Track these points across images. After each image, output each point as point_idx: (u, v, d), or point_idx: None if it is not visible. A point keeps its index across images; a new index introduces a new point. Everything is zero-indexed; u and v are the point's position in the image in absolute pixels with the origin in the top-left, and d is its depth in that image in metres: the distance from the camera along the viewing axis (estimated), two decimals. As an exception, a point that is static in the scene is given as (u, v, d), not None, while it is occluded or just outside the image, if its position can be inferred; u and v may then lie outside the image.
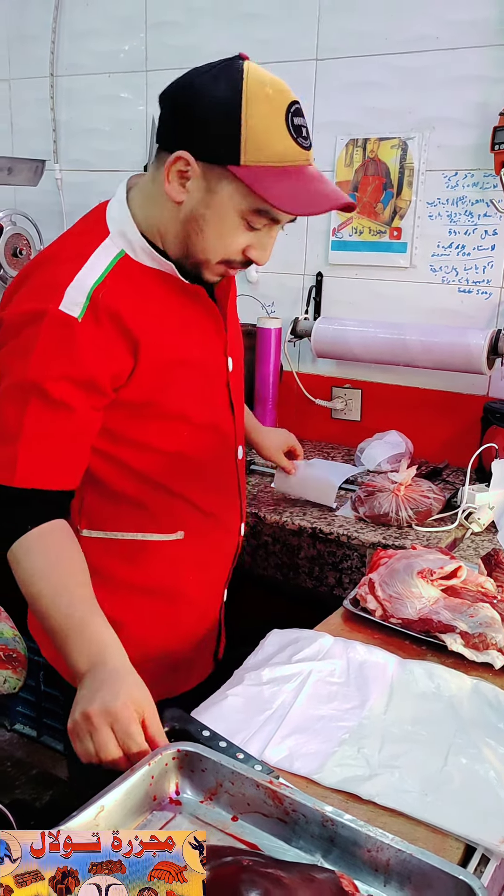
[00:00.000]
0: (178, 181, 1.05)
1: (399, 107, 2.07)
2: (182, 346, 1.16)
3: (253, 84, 1.01)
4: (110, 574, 1.24)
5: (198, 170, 1.03)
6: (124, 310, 1.09)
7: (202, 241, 1.08)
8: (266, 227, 1.08)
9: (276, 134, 1.00)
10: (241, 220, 1.06)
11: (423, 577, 1.30)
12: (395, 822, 0.87)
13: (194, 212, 1.06)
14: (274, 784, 0.84)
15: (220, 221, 1.06)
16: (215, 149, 1.01)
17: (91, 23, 2.52)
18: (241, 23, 2.24)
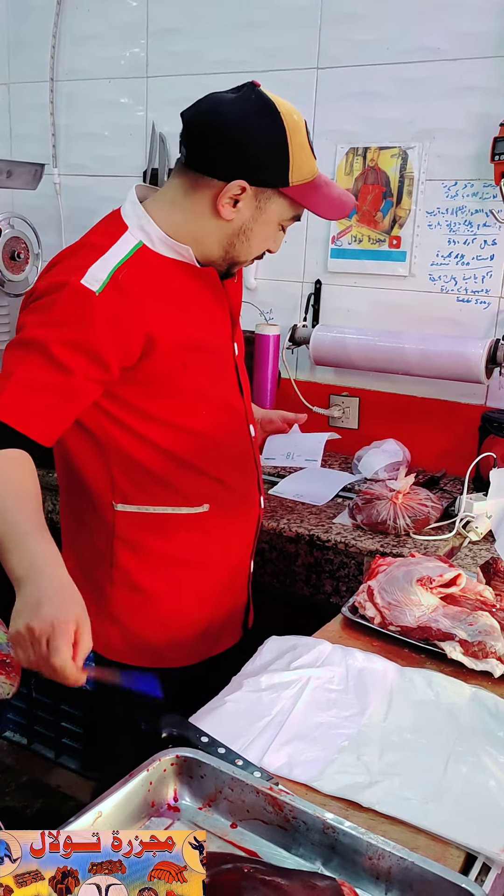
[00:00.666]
0: (230, 204, 1.21)
1: (400, 116, 2.07)
2: (196, 330, 1.27)
3: (286, 115, 1.19)
4: (143, 546, 1.34)
5: (250, 193, 1.21)
6: (142, 292, 1.19)
7: (248, 247, 1.26)
8: (287, 227, 1.30)
9: (306, 155, 1.21)
10: (278, 226, 1.27)
11: (422, 585, 1.29)
12: (395, 829, 0.86)
13: (244, 226, 1.24)
14: (274, 791, 0.83)
15: (265, 231, 1.26)
16: (270, 177, 1.20)
17: (92, 28, 2.52)
18: (243, 31, 2.25)
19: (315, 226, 2.24)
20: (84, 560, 1.38)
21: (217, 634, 1.45)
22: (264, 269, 2.35)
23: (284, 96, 2.14)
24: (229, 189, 1.19)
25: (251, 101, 1.19)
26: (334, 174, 2.18)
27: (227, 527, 1.40)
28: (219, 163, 1.20)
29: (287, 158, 1.18)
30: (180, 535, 1.36)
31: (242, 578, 1.50)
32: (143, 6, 2.41)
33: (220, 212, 1.21)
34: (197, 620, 1.41)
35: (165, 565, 1.36)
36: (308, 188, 1.22)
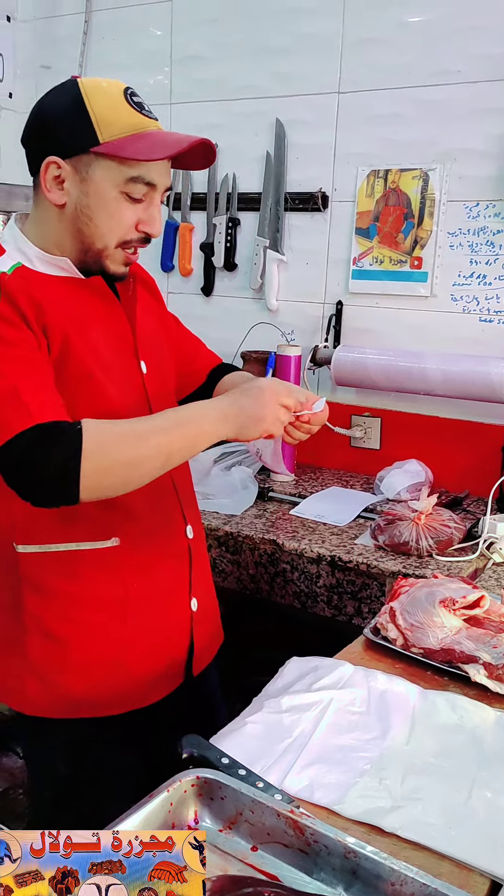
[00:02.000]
0: (56, 187, 1.14)
1: (421, 138, 2.09)
2: (86, 350, 1.17)
3: (88, 83, 1.13)
4: (51, 589, 1.22)
5: (68, 167, 1.13)
6: (35, 299, 1.13)
7: (94, 228, 1.15)
8: (148, 198, 1.16)
9: (122, 112, 1.12)
10: (121, 195, 1.14)
11: (445, 607, 1.28)
12: (418, 855, 0.85)
13: (78, 205, 1.14)
14: (295, 814, 0.82)
15: (104, 202, 1.14)
16: (76, 141, 1.12)
17: (118, 57, 2.57)
18: (265, 57, 2.28)
19: (336, 247, 2.26)
20: None
21: (152, 682, 1.29)
22: (285, 290, 2.37)
23: (306, 120, 2.16)
24: (45, 171, 1.14)
25: (52, 90, 1.16)
26: (355, 196, 2.20)
27: (143, 563, 1.25)
28: (32, 155, 1.17)
29: (88, 118, 1.11)
30: (90, 575, 1.22)
31: (179, 620, 1.32)
32: (167, 35, 2.45)
33: (50, 199, 1.15)
34: (120, 668, 1.25)
35: (77, 609, 1.22)
36: (125, 141, 1.11)
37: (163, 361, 1.35)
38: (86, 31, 2.60)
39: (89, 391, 1.17)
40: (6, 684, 1.28)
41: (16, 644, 1.24)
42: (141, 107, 1.15)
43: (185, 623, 1.32)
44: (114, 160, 1.12)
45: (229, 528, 1.83)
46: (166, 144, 1.14)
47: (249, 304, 2.44)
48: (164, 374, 1.35)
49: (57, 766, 1.27)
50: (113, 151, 1.11)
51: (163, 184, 1.18)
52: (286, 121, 2.27)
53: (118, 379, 1.22)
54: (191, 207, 2.50)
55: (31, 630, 1.23)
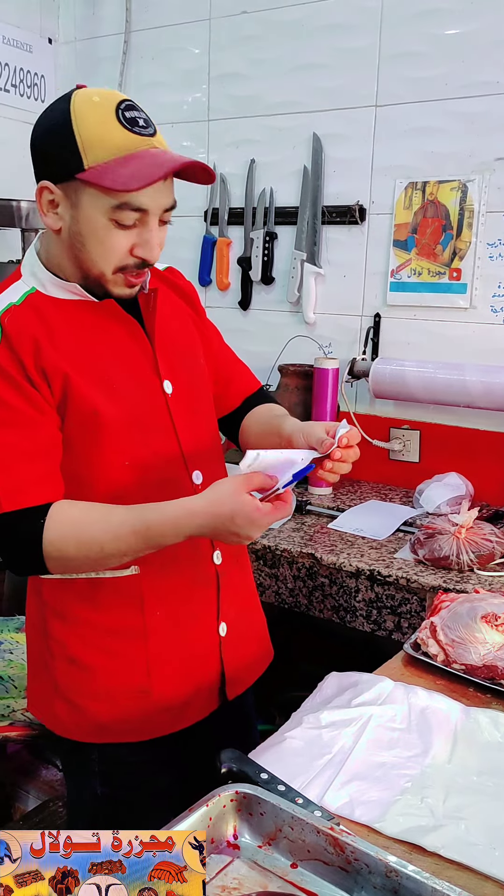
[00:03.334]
0: (51, 211, 1.12)
1: (459, 150, 2.08)
2: (102, 371, 1.16)
3: (79, 100, 1.08)
4: (72, 615, 1.22)
5: (59, 193, 1.10)
6: (37, 337, 1.11)
7: (88, 255, 1.12)
8: (141, 222, 1.11)
9: (110, 131, 1.06)
10: (109, 222, 1.09)
11: (487, 622, 1.26)
12: (461, 875, 0.83)
13: (71, 231, 1.11)
14: (335, 831, 0.81)
15: (93, 230, 1.10)
16: (63, 167, 1.08)
17: (156, 76, 2.61)
18: (302, 72, 2.29)
19: (374, 260, 2.26)
20: (30, 630, 1.31)
21: (181, 708, 1.26)
22: (323, 303, 2.37)
23: (343, 133, 2.17)
24: (39, 195, 1.12)
25: (50, 105, 1.12)
26: (393, 208, 2.19)
27: (164, 591, 1.23)
28: (35, 175, 1.14)
29: (74, 141, 1.05)
30: (109, 602, 1.21)
31: (206, 646, 1.29)
32: (205, 53, 2.49)
33: (47, 224, 1.13)
34: (145, 695, 1.23)
35: (98, 636, 1.22)
36: (111, 166, 1.06)
37: (194, 378, 1.29)
38: (125, 52, 2.65)
39: (94, 430, 1.14)
40: (39, 705, 1.30)
41: (45, 667, 1.26)
42: (133, 123, 1.08)
43: (213, 649, 1.29)
44: (98, 188, 1.07)
45: (267, 542, 1.83)
46: (147, 172, 1.06)
47: (287, 318, 2.45)
48: (197, 391, 1.29)
49: (93, 785, 1.27)
50: (94, 180, 1.06)
51: (157, 206, 1.11)
52: (323, 135, 2.28)
53: (133, 406, 1.18)
54: (228, 222, 2.52)
55: (57, 655, 1.24)
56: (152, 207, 1.10)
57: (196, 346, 1.33)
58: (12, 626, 2.01)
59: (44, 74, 2.75)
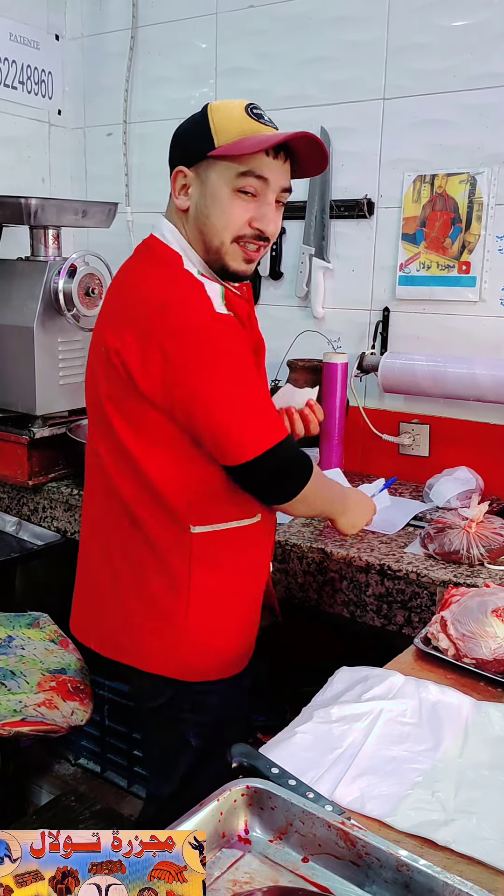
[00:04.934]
0: (182, 193, 1.32)
1: (467, 143, 2.07)
2: (251, 350, 1.39)
3: (216, 102, 1.31)
4: (220, 562, 1.40)
5: (191, 174, 1.30)
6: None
7: (211, 225, 1.29)
8: (261, 194, 1.28)
9: (240, 120, 1.27)
10: (234, 193, 1.27)
11: (498, 616, 1.26)
12: (472, 870, 0.83)
13: (198, 207, 1.30)
14: (346, 825, 0.81)
15: (218, 200, 1.28)
16: (196, 149, 1.28)
17: (164, 71, 2.61)
18: (309, 66, 2.29)
19: (383, 253, 2.25)
20: (151, 590, 1.40)
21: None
22: (332, 297, 2.37)
23: (351, 127, 2.16)
24: (174, 179, 1.32)
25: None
26: (401, 202, 2.18)
27: (268, 533, 1.52)
28: (171, 170, 1.34)
29: (208, 127, 1.26)
30: (249, 548, 1.45)
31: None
32: (212, 48, 2.48)
33: (178, 206, 1.32)
34: (255, 625, 1.52)
35: (239, 578, 1.44)
36: (239, 141, 1.25)
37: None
38: (132, 47, 2.64)
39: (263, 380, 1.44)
40: (164, 656, 1.42)
41: (172, 621, 1.39)
42: (259, 116, 1.29)
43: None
44: (226, 160, 1.25)
45: (277, 537, 1.83)
46: (270, 139, 1.25)
47: (295, 312, 2.44)
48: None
49: (201, 725, 1.46)
50: (224, 152, 1.25)
51: (276, 181, 1.28)
52: (331, 128, 2.27)
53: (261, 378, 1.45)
54: (236, 217, 2.52)
55: (196, 604, 1.39)
56: (272, 180, 1.28)
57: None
58: (23, 622, 2.01)
59: (51, 71, 2.75)
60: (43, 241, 2.31)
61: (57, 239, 2.33)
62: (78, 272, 2.21)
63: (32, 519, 2.36)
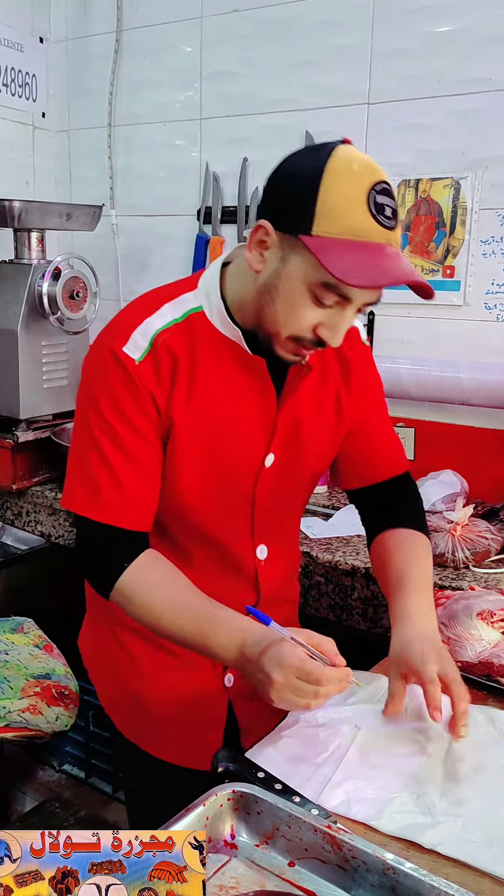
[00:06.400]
0: (258, 250, 1.05)
1: (451, 147, 2.08)
2: (216, 421, 1.14)
3: (339, 159, 0.99)
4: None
5: (275, 239, 1.03)
6: (181, 357, 1.11)
7: (273, 312, 1.06)
8: (338, 306, 1.04)
9: (353, 208, 0.97)
10: (309, 294, 1.02)
11: (482, 619, 1.26)
12: (458, 872, 0.83)
13: (269, 282, 1.05)
14: (332, 829, 0.81)
15: (290, 293, 1.03)
16: (290, 218, 1.00)
17: (148, 74, 2.61)
18: (293, 70, 2.29)
19: (368, 258, 2.25)
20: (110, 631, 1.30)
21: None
22: (317, 301, 2.37)
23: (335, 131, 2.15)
24: (255, 231, 1.04)
25: (314, 146, 1.04)
26: (386, 206, 2.19)
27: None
28: (260, 205, 1.08)
29: (313, 200, 0.97)
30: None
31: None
32: (197, 51, 2.48)
33: (249, 262, 1.06)
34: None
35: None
36: (337, 245, 0.97)
37: (303, 458, 1.23)
38: (116, 50, 2.64)
39: (174, 477, 1.14)
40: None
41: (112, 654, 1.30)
42: (381, 210, 0.98)
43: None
44: (311, 254, 0.99)
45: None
46: (372, 273, 0.97)
47: (281, 316, 2.44)
48: (299, 472, 1.25)
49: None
50: (315, 250, 0.98)
51: (362, 299, 1.03)
52: (315, 133, 2.28)
53: (224, 467, 1.16)
54: (221, 220, 2.52)
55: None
56: (357, 300, 1.03)
57: (326, 427, 1.25)
58: (7, 627, 2.00)
59: (35, 73, 2.74)
60: (27, 243, 2.30)
61: (41, 242, 2.32)
62: (62, 275, 2.20)
63: (16, 523, 2.35)
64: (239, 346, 1.13)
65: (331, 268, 0.96)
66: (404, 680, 1.09)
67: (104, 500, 1.10)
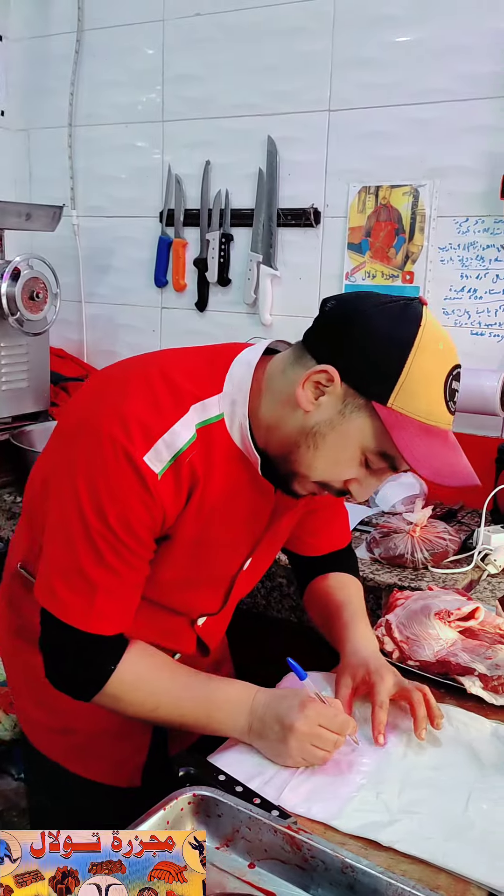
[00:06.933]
0: (312, 391, 0.99)
1: (410, 155, 2.11)
2: (212, 532, 1.08)
3: (429, 333, 0.96)
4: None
5: (339, 390, 0.97)
6: (200, 476, 1.01)
7: (311, 457, 1.01)
8: (380, 472, 1.03)
9: (433, 391, 0.96)
10: (360, 456, 1.00)
11: (440, 619, 1.28)
12: (415, 869, 0.85)
13: (317, 427, 0.99)
14: (292, 830, 0.82)
15: (340, 449, 0.99)
16: (367, 379, 0.96)
17: (110, 75, 2.60)
18: (256, 75, 2.30)
19: (329, 262, 2.28)
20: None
21: None
22: (279, 305, 2.38)
23: (297, 137, 2.17)
24: (316, 372, 0.97)
25: (398, 303, 0.98)
26: (347, 212, 2.22)
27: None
28: (323, 342, 1.00)
29: (398, 371, 0.94)
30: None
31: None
32: (159, 54, 2.48)
33: (298, 398, 0.98)
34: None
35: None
36: (411, 425, 0.95)
37: (270, 558, 1.26)
38: (77, 50, 2.63)
39: (154, 570, 1.07)
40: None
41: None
42: (452, 396, 0.98)
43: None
44: (380, 426, 0.96)
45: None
46: (449, 469, 0.97)
47: (243, 319, 2.46)
48: (269, 561, 1.26)
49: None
50: (390, 427, 0.94)
51: (403, 468, 1.02)
52: (278, 138, 2.29)
53: (207, 568, 1.13)
54: (184, 223, 2.52)
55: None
56: (401, 468, 1.02)
57: (294, 520, 1.25)
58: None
59: (-5, 72, 2.71)
60: (-14, 243, 2.28)
61: (0, 242, 2.30)
62: (22, 276, 2.18)
63: (-25, 527, 2.31)
64: (253, 466, 1.05)
65: (404, 451, 0.95)
66: (354, 692, 1.14)
67: (98, 610, 0.99)
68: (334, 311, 1.02)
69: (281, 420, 1.02)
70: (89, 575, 0.98)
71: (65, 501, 0.99)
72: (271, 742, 1.01)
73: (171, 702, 1.04)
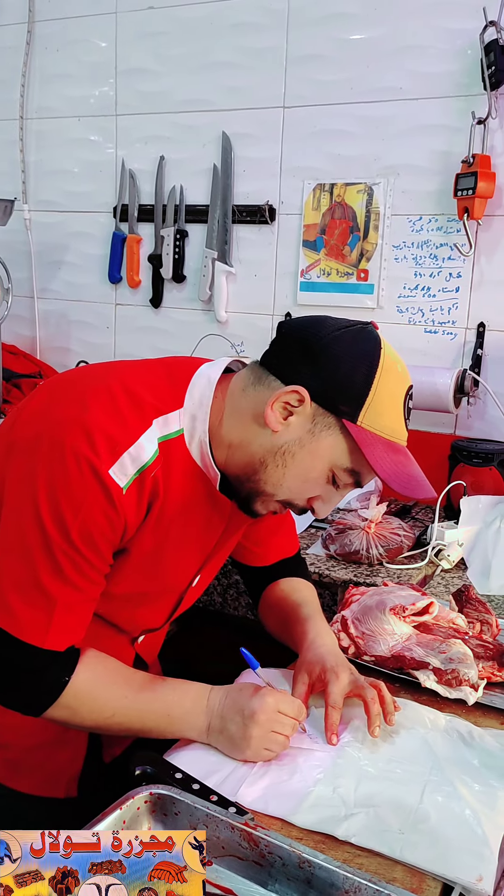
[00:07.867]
0: (281, 411, 1.00)
1: (364, 153, 2.12)
2: (165, 547, 1.07)
3: (389, 356, 1.02)
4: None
5: (308, 410, 1.00)
6: (161, 492, 1.01)
7: (279, 476, 1.03)
8: (344, 487, 1.06)
9: (394, 409, 1.01)
10: (328, 473, 1.03)
11: (395, 614, 1.29)
12: (371, 862, 0.85)
13: (286, 446, 1.01)
14: (249, 826, 0.82)
15: (308, 467, 1.02)
16: (337, 399, 0.99)
17: (62, 68, 2.56)
18: (210, 71, 2.29)
19: (284, 259, 2.28)
20: None
21: None
22: (235, 302, 2.38)
23: (252, 133, 2.16)
24: (286, 393, 0.99)
25: (354, 327, 1.03)
26: (302, 209, 2.22)
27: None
28: (287, 364, 1.01)
29: (367, 391, 0.98)
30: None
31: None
32: (112, 47, 2.45)
33: (266, 418, 1.00)
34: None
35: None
36: (378, 441, 1.00)
37: (215, 573, 1.26)
38: (28, 42, 2.59)
39: (128, 571, 1.06)
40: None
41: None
42: (408, 415, 1.04)
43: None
44: (350, 444, 1.00)
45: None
46: (410, 481, 1.02)
47: (199, 316, 2.45)
48: (207, 583, 1.26)
49: None
50: (361, 443, 0.99)
51: (366, 483, 1.07)
52: (232, 134, 2.29)
53: (156, 583, 1.12)
54: (138, 219, 2.50)
55: None
56: (363, 485, 1.06)
57: (240, 536, 1.26)
58: None
59: None
60: None
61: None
62: (-27, 271, 2.14)
63: None
64: (210, 483, 1.06)
65: (376, 466, 0.99)
66: (310, 689, 1.14)
67: (56, 625, 0.96)
68: (294, 334, 1.04)
69: (245, 439, 1.03)
70: (48, 589, 0.95)
71: (22, 514, 0.96)
72: (231, 735, 1.01)
73: (128, 706, 1.02)
